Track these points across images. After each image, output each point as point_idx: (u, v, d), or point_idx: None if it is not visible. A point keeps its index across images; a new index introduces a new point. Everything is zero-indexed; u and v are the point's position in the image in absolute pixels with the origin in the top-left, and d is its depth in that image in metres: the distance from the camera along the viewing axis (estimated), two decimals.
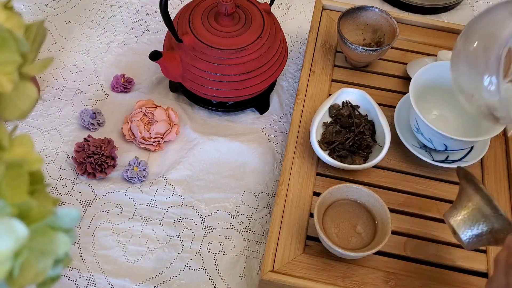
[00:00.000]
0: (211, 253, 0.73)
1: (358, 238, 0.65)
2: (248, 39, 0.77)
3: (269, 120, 0.88)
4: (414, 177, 0.75)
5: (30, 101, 0.33)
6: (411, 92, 0.71)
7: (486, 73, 0.61)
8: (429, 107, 0.77)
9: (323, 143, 0.76)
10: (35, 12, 1.01)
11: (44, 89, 0.89)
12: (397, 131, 0.75)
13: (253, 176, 0.81)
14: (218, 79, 0.78)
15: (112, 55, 0.95)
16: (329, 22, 0.93)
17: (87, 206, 0.76)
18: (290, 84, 0.93)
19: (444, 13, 1.09)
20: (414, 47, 0.91)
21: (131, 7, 1.03)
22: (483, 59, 0.62)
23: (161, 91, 0.90)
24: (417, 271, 0.67)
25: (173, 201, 0.77)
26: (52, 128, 0.84)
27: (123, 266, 0.71)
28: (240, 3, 0.81)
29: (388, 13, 0.85)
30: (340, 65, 0.88)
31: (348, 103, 0.78)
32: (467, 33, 0.65)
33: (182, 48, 0.78)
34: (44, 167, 0.80)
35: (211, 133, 0.85)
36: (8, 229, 0.27)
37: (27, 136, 0.32)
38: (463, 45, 0.65)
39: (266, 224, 0.76)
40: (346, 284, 0.65)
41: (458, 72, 0.67)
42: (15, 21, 0.33)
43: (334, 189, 0.66)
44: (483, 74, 0.61)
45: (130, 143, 0.83)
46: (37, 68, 0.33)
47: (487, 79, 0.61)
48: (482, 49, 0.62)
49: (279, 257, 0.66)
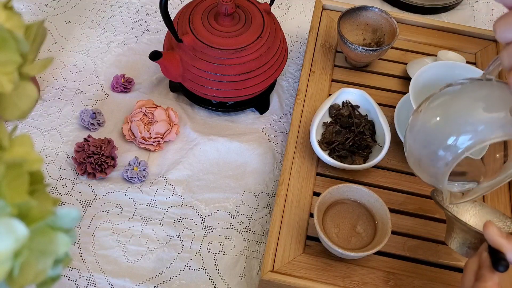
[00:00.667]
0: (211, 253, 0.73)
1: (358, 238, 0.65)
2: (248, 39, 0.77)
3: (269, 120, 0.88)
4: (414, 177, 0.75)
5: (30, 101, 0.33)
6: (411, 92, 0.71)
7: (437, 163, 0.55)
8: None
9: (323, 143, 0.76)
10: (35, 12, 1.01)
11: (44, 89, 0.89)
12: (397, 131, 0.75)
13: (253, 176, 0.81)
14: (218, 79, 0.78)
15: (112, 55, 0.95)
16: (329, 22, 0.93)
17: (87, 206, 0.76)
18: (290, 84, 0.93)
19: (444, 13, 1.09)
20: (414, 47, 0.91)
21: (131, 7, 1.03)
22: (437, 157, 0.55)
23: (161, 91, 0.90)
24: (417, 271, 0.67)
25: (173, 201, 0.77)
26: (52, 128, 0.84)
27: (123, 266, 0.71)
28: (240, 3, 0.81)
29: (388, 13, 0.85)
30: (340, 65, 0.88)
31: (348, 103, 0.78)
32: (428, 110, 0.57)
33: (182, 48, 0.78)
34: (44, 167, 0.80)
35: (211, 133, 0.85)
36: (8, 229, 0.27)
37: (27, 136, 0.32)
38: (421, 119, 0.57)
39: (266, 224, 0.76)
40: (346, 284, 0.65)
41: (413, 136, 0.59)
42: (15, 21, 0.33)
43: (334, 189, 0.66)
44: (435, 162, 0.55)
45: (130, 143, 0.83)
46: (37, 68, 0.33)
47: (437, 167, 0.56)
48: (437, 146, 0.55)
49: (279, 257, 0.66)
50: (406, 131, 0.59)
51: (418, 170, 0.59)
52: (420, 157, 0.57)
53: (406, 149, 0.59)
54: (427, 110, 0.56)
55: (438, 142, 0.54)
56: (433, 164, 0.55)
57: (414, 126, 0.57)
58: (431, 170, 0.56)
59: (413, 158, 0.59)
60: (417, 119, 0.57)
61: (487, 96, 0.53)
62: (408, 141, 0.58)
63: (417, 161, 0.58)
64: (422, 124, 0.56)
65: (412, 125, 0.58)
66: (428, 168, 0.56)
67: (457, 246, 0.59)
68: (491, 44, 0.92)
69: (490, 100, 0.52)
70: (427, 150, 0.55)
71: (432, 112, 0.55)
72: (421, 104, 0.58)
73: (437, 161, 0.54)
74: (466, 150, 0.52)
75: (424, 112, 0.56)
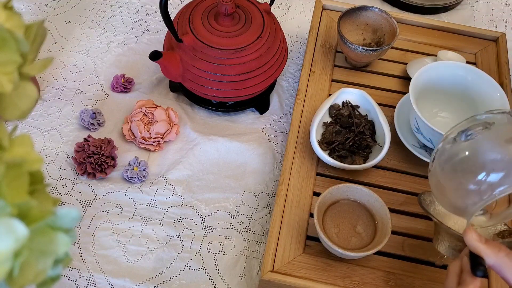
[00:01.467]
0: (211, 253, 0.73)
1: (358, 238, 0.65)
2: (248, 39, 0.77)
3: (269, 120, 0.88)
4: (414, 177, 0.75)
5: (30, 101, 0.33)
6: (411, 92, 0.71)
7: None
8: (429, 107, 0.77)
9: (323, 143, 0.76)
10: (35, 12, 1.01)
11: (44, 89, 0.89)
12: (397, 131, 0.75)
13: (253, 176, 0.81)
14: (218, 79, 0.78)
15: (112, 55, 0.95)
16: (329, 22, 0.93)
17: (87, 206, 0.76)
18: (290, 84, 0.93)
19: (444, 13, 1.09)
20: (414, 47, 0.91)
21: (131, 7, 1.03)
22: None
23: (161, 91, 0.90)
24: (417, 271, 0.67)
25: (173, 201, 0.77)
26: (52, 128, 0.84)
27: (123, 266, 0.71)
28: (240, 3, 0.81)
29: (388, 13, 0.85)
30: (340, 65, 0.88)
31: (348, 103, 0.78)
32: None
33: (182, 48, 0.78)
34: (44, 167, 0.80)
35: (211, 133, 0.85)
36: (8, 229, 0.27)
37: (27, 136, 0.32)
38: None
39: (266, 224, 0.76)
40: (346, 284, 0.65)
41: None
42: (15, 21, 0.33)
43: (334, 189, 0.66)
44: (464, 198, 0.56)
45: (130, 143, 0.83)
46: (37, 68, 0.33)
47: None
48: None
49: (279, 257, 0.66)
50: (435, 156, 0.59)
51: (439, 195, 0.60)
52: (445, 187, 0.58)
53: (431, 172, 0.60)
54: (460, 143, 0.56)
55: (467, 176, 0.55)
56: (460, 196, 0.56)
57: (443, 154, 0.58)
58: (455, 200, 0.57)
59: (437, 184, 0.59)
60: (449, 148, 0.58)
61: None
62: (435, 167, 0.59)
63: (441, 187, 0.58)
64: (452, 154, 0.57)
65: (441, 152, 0.58)
66: (453, 197, 0.57)
67: (443, 248, 0.60)
68: (491, 44, 0.92)
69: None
70: (455, 183, 0.56)
71: (464, 146, 0.56)
72: (455, 133, 0.58)
73: (464, 196, 0.55)
74: (499, 195, 0.52)
75: (457, 144, 0.57)
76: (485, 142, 0.54)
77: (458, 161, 0.56)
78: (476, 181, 0.54)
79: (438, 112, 0.79)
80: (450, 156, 0.57)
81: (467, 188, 0.54)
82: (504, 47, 0.90)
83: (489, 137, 0.55)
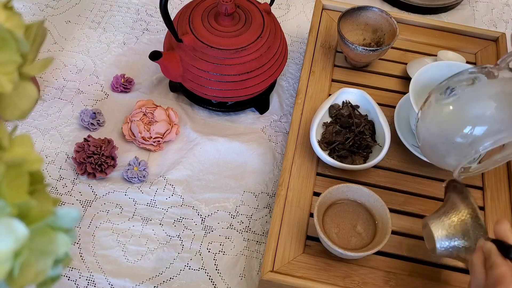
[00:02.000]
0: (211, 253, 0.73)
1: (358, 238, 0.65)
2: (248, 39, 0.77)
3: (269, 120, 0.88)
4: (414, 177, 0.75)
5: (30, 101, 0.33)
6: (411, 92, 0.71)
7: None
8: None
9: (323, 143, 0.76)
10: (35, 12, 1.01)
11: (44, 89, 0.89)
12: (397, 131, 0.75)
13: (253, 176, 0.81)
14: (218, 79, 0.78)
15: (112, 55, 0.95)
16: (329, 22, 0.93)
17: (87, 206, 0.76)
18: (290, 84, 0.93)
19: (444, 13, 1.09)
20: (414, 47, 0.91)
21: (131, 7, 1.03)
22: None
23: (161, 91, 0.90)
24: (417, 271, 0.67)
25: (173, 201, 0.77)
26: (52, 128, 0.84)
27: (123, 266, 0.71)
28: (240, 3, 0.81)
29: (388, 13, 0.85)
30: (340, 65, 0.88)
31: (348, 103, 0.78)
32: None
33: (182, 48, 0.78)
34: (44, 167, 0.80)
35: (211, 133, 0.85)
36: (8, 229, 0.27)
37: (27, 136, 0.32)
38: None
39: (266, 224, 0.76)
40: (346, 284, 0.65)
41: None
42: (15, 21, 0.33)
43: (334, 189, 0.66)
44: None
45: (130, 143, 0.83)
46: (37, 68, 0.33)
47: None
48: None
49: (279, 257, 0.66)
50: (417, 123, 0.62)
51: (431, 156, 0.63)
52: (434, 144, 0.60)
53: (420, 139, 0.63)
54: (440, 103, 0.59)
55: (454, 130, 0.58)
56: (449, 150, 0.59)
57: (425, 117, 0.61)
58: (445, 156, 0.60)
59: (427, 145, 0.62)
60: (428, 110, 0.60)
61: (500, 94, 0.57)
62: (420, 131, 0.62)
63: (431, 147, 0.61)
64: (435, 114, 0.60)
65: (424, 116, 0.61)
66: (443, 153, 0.60)
67: (438, 233, 0.59)
68: (491, 44, 0.92)
69: (503, 99, 0.57)
70: (442, 139, 0.59)
71: (446, 104, 0.59)
72: (430, 96, 0.60)
73: (453, 148, 0.58)
74: (483, 150, 0.56)
75: (436, 104, 0.60)
76: (469, 97, 0.58)
77: (443, 116, 0.59)
78: (462, 135, 0.57)
79: None
80: (436, 112, 0.60)
81: (453, 142, 0.58)
82: (504, 47, 0.90)
83: (472, 93, 0.58)
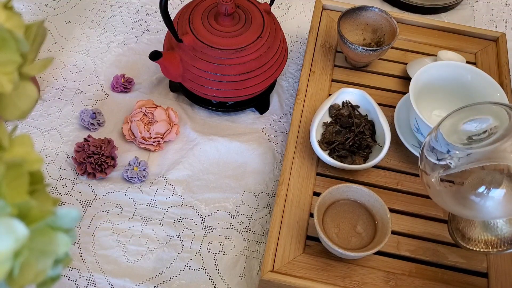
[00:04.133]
0: (211, 253, 0.73)
1: (358, 238, 0.65)
2: (248, 39, 0.77)
3: (269, 120, 0.88)
4: (414, 177, 0.75)
5: (30, 101, 0.33)
6: (411, 92, 0.71)
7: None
8: (429, 107, 0.77)
9: (323, 143, 0.76)
10: (35, 12, 1.01)
11: (44, 89, 0.89)
12: (397, 131, 0.75)
13: (253, 176, 0.81)
14: (218, 79, 0.78)
15: (112, 55, 0.95)
16: (329, 22, 0.93)
17: (87, 206, 0.76)
18: (290, 84, 0.93)
19: (444, 13, 1.09)
20: (414, 47, 0.91)
21: (131, 7, 1.03)
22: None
23: (161, 91, 0.90)
24: (417, 271, 0.67)
25: (173, 201, 0.77)
26: (52, 128, 0.84)
27: (123, 266, 0.71)
28: (240, 3, 0.81)
29: (388, 13, 0.85)
30: (340, 65, 0.88)
31: (348, 103, 0.78)
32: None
33: (182, 48, 0.78)
34: (44, 167, 0.80)
35: (211, 133, 0.85)
36: (8, 229, 0.27)
37: (27, 136, 0.32)
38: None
39: (266, 224, 0.76)
40: (346, 284, 0.65)
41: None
42: (15, 21, 0.33)
43: (334, 189, 0.66)
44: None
45: (130, 143, 0.83)
46: (37, 68, 0.33)
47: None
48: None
49: (279, 257, 0.66)
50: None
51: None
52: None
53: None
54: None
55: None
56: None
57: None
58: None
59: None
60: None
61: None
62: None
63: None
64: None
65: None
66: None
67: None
68: (491, 44, 0.92)
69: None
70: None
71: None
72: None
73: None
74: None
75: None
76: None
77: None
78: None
79: (438, 112, 0.78)
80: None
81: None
82: (504, 47, 0.90)
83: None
